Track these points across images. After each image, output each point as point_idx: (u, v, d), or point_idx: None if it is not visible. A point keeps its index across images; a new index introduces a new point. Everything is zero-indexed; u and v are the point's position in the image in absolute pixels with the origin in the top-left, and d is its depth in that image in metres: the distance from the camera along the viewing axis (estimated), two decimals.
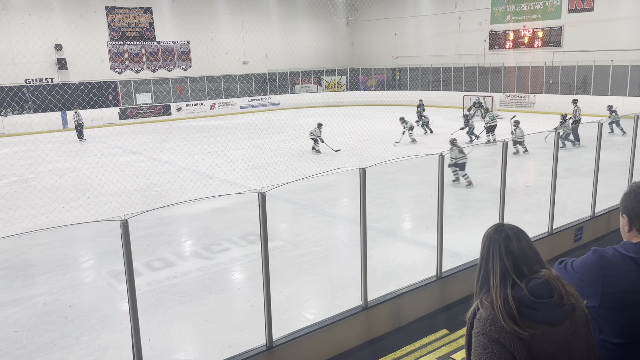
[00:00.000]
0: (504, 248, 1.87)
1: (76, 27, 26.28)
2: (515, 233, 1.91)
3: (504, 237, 1.90)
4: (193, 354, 5.61)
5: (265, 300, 4.63)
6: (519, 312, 1.75)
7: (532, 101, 27.65)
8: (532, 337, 1.74)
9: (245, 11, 32.03)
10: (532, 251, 1.90)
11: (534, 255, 1.89)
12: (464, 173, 11.87)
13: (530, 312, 1.76)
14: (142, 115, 28.28)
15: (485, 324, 1.78)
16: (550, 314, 1.77)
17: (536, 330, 1.74)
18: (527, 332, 1.73)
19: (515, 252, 1.86)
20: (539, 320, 1.75)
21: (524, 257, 1.87)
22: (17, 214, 10.60)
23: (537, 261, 1.88)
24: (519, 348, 1.73)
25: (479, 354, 1.78)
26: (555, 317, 1.77)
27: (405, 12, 33.86)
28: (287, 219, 10.14)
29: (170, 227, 9.75)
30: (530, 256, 1.88)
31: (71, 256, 8.48)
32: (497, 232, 1.93)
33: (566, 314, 1.79)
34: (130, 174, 13.78)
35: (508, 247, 1.87)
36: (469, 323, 1.90)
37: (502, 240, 1.89)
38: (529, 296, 1.77)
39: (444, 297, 6.09)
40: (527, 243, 1.91)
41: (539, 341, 1.74)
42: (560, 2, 26.84)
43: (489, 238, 1.93)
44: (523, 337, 1.73)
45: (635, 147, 8.35)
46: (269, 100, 32.95)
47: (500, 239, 1.90)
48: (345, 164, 13.96)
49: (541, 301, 1.77)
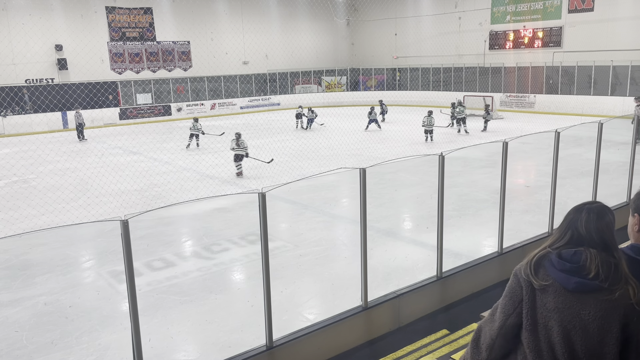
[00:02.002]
0: (571, 223, 1.98)
1: (76, 27, 26.29)
2: (592, 213, 1.96)
3: (577, 216, 1.98)
4: (193, 354, 5.62)
5: (266, 300, 4.64)
6: (538, 264, 1.95)
7: (532, 101, 27.65)
8: (541, 287, 1.91)
9: (246, 11, 32.04)
10: (600, 235, 1.92)
11: (600, 239, 1.92)
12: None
13: (550, 268, 1.92)
14: (143, 116, 28.30)
15: (518, 267, 2.04)
16: (563, 276, 1.88)
17: (547, 282, 1.90)
18: (537, 283, 1.92)
19: (580, 230, 1.94)
20: (552, 276, 1.90)
21: (589, 237, 1.92)
22: (17, 214, 10.61)
23: (599, 244, 1.91)
24: (528, 289, 1.95)
25: (507, 286, 2.06)
26: (568, 281, 1.87)
27: (405, 12, 33.86)
28: (287, 219, 10.14)
29: (171, 227, 9.75)
30: (595, 238, 1.91)
31: (71, 256, 8.48)
32: (577, 210, 1.99)
33: (585, 286, 1.84)
34: (130, 174, 13.79)
35: (575, 224, 1.96)
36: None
37: (573, 214, 1.99)
38: (555, 256, 1.92)
39: (444, 297, 6.09)
40: (601, 224, 1.94)
41: (546, 293, 1.90)
42: (560, 2, 26.84)
43: (567, 214, 2.02)
44: (534, 284, 1.93)
45: (635, 147, 8.35)
46: (269, 101, 32.96)
47: (572, 213, 2.00)
48: (345, 164, 13.96)
49: (561, 260, 1.90)
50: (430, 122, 19.24)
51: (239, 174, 13.92)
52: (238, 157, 14.18)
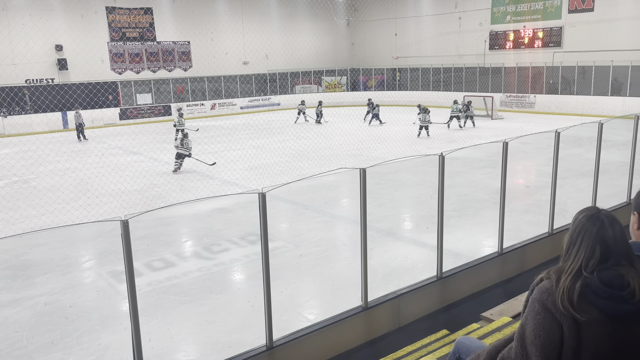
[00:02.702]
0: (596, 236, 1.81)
1: (77, 27, 26.30)
2: (610, 221, 1.84)
3: (599, 225, 1.82)
4: (193, 354, 5.62)
5: (266, 300, 4.63)
6: (581, 294, 1.72)
7: (532, 101, 27.66)
8: (587, 320, 1.72)
9: (246, 12, 32.04)
10: (624, 242, 1.83)
11: (625, 247, 1.82)
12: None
13: (593, 297, 1.73)
14: (143, 116, 28.31)
15: (543, 294, 1.79)
16: (612, 304, 1.72)
17: (591, 314, 1.71)
18: (584, 317, 1.71)
19: (608, 242, 1.80)
20: (599, 307, 1.72)
21: (616, 247, 1.80)
22: (17, 214, 10.61)
23: (626, 255, 1.81)
24: (569, 325, 1.73)
25: (532, 318, 1.80)
26: (618, 310, 1.72)
27: (405, 12, 33.87)
28: (288, 219, 10.14)
29: (171, 228, 9.75)
30: (622, 247, 1.81)
31: (72, 256, 8.48)
32: (592, 219, 1.85)
33: (631, 313, 1.73)
34: (130, 174, 13.79)
35: (601, 236, 1.81)
36: (530, 289, 1.91)
37: (597, 229, 1.82)
38: (598, 282, 1.74)
39: (444, 298, 6.09)
40: (620, 231, 1.84)
41: (592, 326, 1.72)
42: (560, 3, 26.84)
43: (582, 224, 1.86)
44: (578, 319, 1.72)
45: (635, 147, 8.35)
46: (269, 101, 32.96)
47: (594, 227, 1.83)
48: (345, 164, 13.96)
49: (607, 290, 1.73)
50: (425, 118, 19.76)
51: (175, 170, 14.68)
52: (180, 155, 14.87)
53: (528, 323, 1.81)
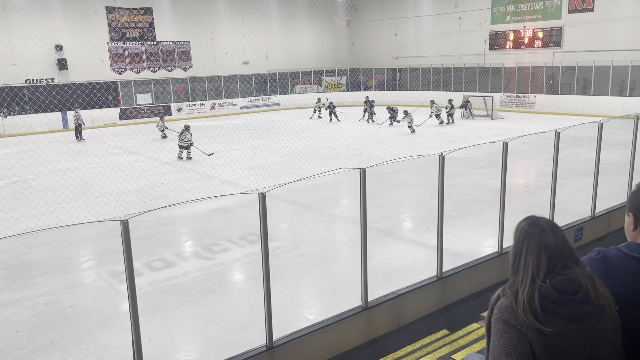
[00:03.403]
0: (539, 243, 1.83)
1: (76, 27, 26.30)
2: (551, 227, 1.87)
3: (539, 231, 1.85)
4: (193, 354, 5.62)
5: (266, 300, 4.63)
6: (542, 307, 1.74)
7: (532, 101, 27.66)
8: (553, 332, 1.73)
9: (246, 11, 32.04)
10: (567, 246, 1.86)
11: (568, 250, 1.85)
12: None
13: (552, 307, 1.75)
14: (143, 116, 28.30)
15: (505, 312, 1.79)
16: (571, 309, 1.75)
17: (557, 327, 1.73)
18: (549, 329, 1.72)
19: (551, 247, 1.83)
20: (561, 315, 1.75)
21: (559, 252, 1.83)
22: (17, 214, 10.61)
23: (570, 256, 1.85)
24: (537, 338, 1.73)
25: (498, 338, 1.79)
26: (578, 314, 1.75)
27: (405, 12, 33.86)
28: (288, 219, 10.14)
29: (171, 228, 9.75)
30: (565, 251, 1.84)
31: (71, 256, 8.48)
32: (532, 226, 1.88)
33: (591, 313, 1.77)
34: (130, 174, 13.79)
35: (544, 242, 1.83)
36: (490, 308, 1.91)
37: (538, 235, 1.85)
38: (552, 291, 1.76)
39: (444, 298, 6.09)
40: (561, 237, 1.86)
41: (559, 336, 1.74)
42: (560, 3, 26.84)
43: (524, 232, 1.88)
44: (544, 331, 1.73)
45: (635, 147, 8.34)
46: (269, 101, 32.96)
47: (535, 233, 1.85)
48: (345, 164, 13.96)
49: (564, 296, 1.76)
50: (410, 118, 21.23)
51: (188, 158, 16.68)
52: (181, 147, 16.78)
53: (496, 344, 1.80)
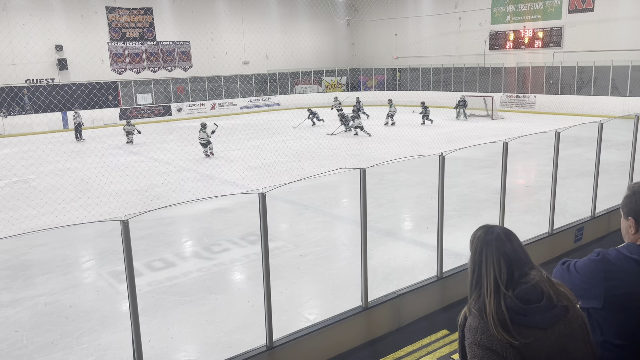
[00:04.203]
0: (497, 251, 1.81)
1: (77, 27, 26.30)
2: (506, 234, 1.85)
3: (495, 238, 1.83)
4: (193, 354, 5.62)
5: (266, 300, 4.63)
6: (510, 320, 1.71)
7: (532, 101, 27.66)
8: (524, 344, 1.70)
9: (246, 12, 32.05)
10: (523, 252, 1.85)
11: (524, 256, 1.84)
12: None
13: (520, 318, 1.72)
14: (143, 116, 28.30)
15: (476, 334, 1.75)
16: (540, 318, 1.73)
17: (527, 338, 1.71)
18: (518, 341, 1.69)
19: (509, 254, 1.81)
20: (530, 326, 1.72)
21: (517, 258, 1.81)
22: (17, 215, 10.61)
23: (527, 262, 1.83)
24: (512, 355, 1.70)
25: None
26: (546, 321, 1.74)
27: (405, 12, 33.86)
28: (288, 220, 10.14)
29: (171, 228, 9.75)
30: (522, 257, 1.83)
31: (72, 256, 8.48)
32: (488, 234, 1.86)
33: (557, 316, 1.75)
34: (130, 175, 13.79)
35: (502, 249, 1.81)
36: (460, 331, 1.88)
37: (495, 242, 1.82)
38: (517, 302, 1.74)
39: (444, 298, 6.09)
40: (518, 243, 1.85)
41: (531, 347, 1.71)
42: (560, 3, 26.84)
43: (481, 241, 1.85)
44: (515, 345, 1.69)
45: (635, 147, 8.35)
46: (270, 101, 32.96)
47: (492, 240, 1.83)
48: (345, 164, 13.96)
49: (530, 307, 1.73)
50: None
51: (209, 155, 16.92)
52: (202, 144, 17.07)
53: None
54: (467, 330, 1.80)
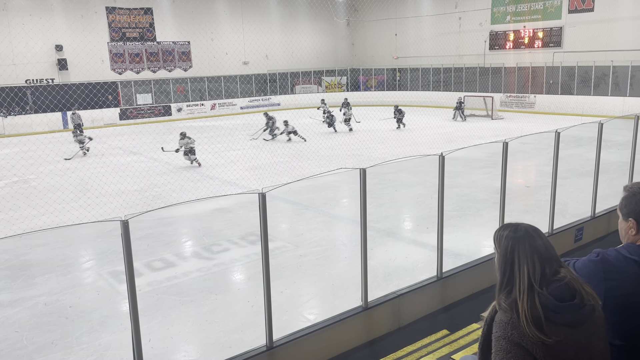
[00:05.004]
0: (530, 248, 1.80)
1: (77, 27, 26.30)
2: (534, 230, 1.85)
3: (525, 235, 1.83)
4: (193, 354, 5.62)
5: (266, 300, 4.63)
6: (545, 318, 1.72)
7: (532, 101, 27.66)
8: (556, 341, 1.72)
9: (246, 12, 32.05)
10: (552, 247, 1.85)
11: (554, 251, 1.85)
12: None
13: (553, 316, 1.73)
14: (143, 116, 28.30)
15: (506, 329, 1.75)
16: (571, 316, 1.75)
17: (559, 336, 1.72)
18: (551, 339, 1.70)
19: (541, 251, 1.80)
20: (562, 324, 1.74)
21: (548, 254, 1.81)
22: (17, 215, 10.61)
23: (556, 258, 1.84)
24: (541, 352, 1.71)
25: (501, 358, 1.75)
26: (577, 320, 1.76)
27: (405, 12, 33.86)
28: (288, 220, 10.14)
29: (171, 228, 9.75)
30: (552, 253, 1.83)
31: (72, 257, 8.48)
32: (517, 231, 1.84)
33: (587, 315, 1.77)
34: (130, 175, 13.79)
35: (534, 246, 1.81)
36: (486, 325, 1.87)
37: (527, 239, 1.82)
38: (552, 300, 1.74)
39: (444, 298, 6.09)
40: (546, 239, 1.86)
41: (561, 344, 1.73)
42: (560, 3, 26.84)
43: (511, 239, 1.83)
44: (547, 342, 1.70)
45: (635, 147, 8.35)
46: (270, 101, 32.96)
47: (523, 237, 1.82)
48: (345, 164, 13.96)
49: (564, 304, 1.75)
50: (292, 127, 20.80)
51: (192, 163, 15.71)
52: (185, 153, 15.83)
53: None
54: (496, 324, 1.79)
